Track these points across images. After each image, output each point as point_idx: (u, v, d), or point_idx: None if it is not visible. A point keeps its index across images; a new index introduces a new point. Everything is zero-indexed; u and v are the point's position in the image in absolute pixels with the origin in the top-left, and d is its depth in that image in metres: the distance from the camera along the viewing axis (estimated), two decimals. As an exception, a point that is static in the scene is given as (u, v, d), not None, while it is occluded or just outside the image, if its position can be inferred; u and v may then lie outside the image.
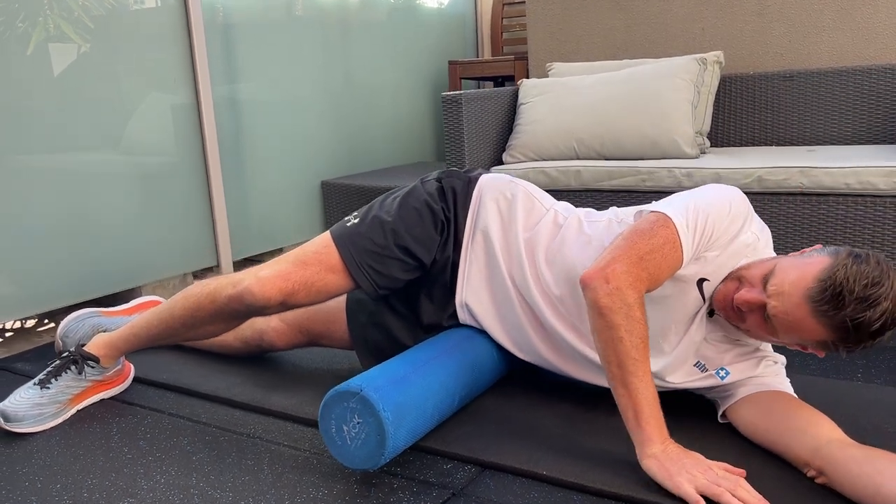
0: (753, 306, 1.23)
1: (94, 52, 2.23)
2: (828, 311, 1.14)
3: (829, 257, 1.20)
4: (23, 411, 1.51)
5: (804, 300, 1.16)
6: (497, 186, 1.55)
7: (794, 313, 1.18)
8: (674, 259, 1.26)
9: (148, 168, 2.42)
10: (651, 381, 1.21)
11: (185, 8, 2.46)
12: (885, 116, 2.49)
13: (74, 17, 2.19)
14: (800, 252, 1.30)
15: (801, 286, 1.17)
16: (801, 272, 1.18)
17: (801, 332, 1.19)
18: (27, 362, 1.95)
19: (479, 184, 1.56)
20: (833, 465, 1.15)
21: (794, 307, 1.17)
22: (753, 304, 1.22)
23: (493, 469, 1.29)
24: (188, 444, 1.45)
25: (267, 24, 2.81)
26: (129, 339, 1.60)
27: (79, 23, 2.20)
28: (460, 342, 1.48)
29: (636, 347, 1.18)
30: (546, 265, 1.46)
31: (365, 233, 1.49)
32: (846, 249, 1.21)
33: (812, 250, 1.27)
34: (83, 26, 2.21)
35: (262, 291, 1.40)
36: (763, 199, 2.06)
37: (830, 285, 1.14)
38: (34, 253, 2.13)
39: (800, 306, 1.17)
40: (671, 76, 2.44)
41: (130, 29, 2.33)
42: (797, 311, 1.17)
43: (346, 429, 1.24)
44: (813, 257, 1.22)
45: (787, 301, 1.18)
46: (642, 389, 1.19)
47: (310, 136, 3.04)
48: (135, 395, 1.69)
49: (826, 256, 1.20)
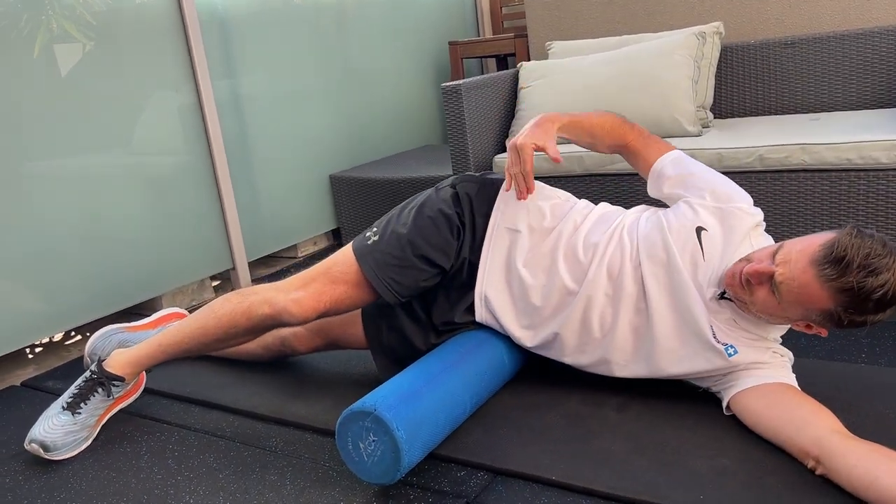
0: (763, 277, 1.28)
1: (96, 52, 2.25)
2: (832, 274, 1.21)
3: (834, 232, 1.27)
4: (59, 439, 1.57)
5: (809, 265, 1.23)
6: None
7: (800, 278, 1.24)
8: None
9: (156, 174, 2.45)
10: (600, 116, 1.59)
11: (179, 5, 2.46)
12: (888, 80, 2.47)
13: (77, 14, 2.20)
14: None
15: (808, 252, 1.25)
16: (808, 242, 1.27)
17: (807, 301, 1.25)
18: (57, 380, 2.03)
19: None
20: (832, 456, 1.19)
21: (799, 272, 1.24)
22: (763, 273, 1.27)
23: (504, 475, 1.35)
24: (214, 461, 1.51)
25: (263, 16, 2.81)
26: (155, 355, 1.65)
27: (81, 20, 2.22)
28: (469, 351, 1.53)
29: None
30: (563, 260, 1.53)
31: (385, 248, 1.56)
32: (851, 224, 1.28)
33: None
34: (86, 23, 2.23)
35: (300, 312, 1.51)
36: (765, 177, 2.07)
37: (835, 250, 1.21)
38: (55, 269, 2.18)
39: (805, 271, 1.23)
40: (670, 53, 2.43)
41: (127, 29, 2.33)
42: (803, 276, 1.24)
43: (363, 446, 1.29)
44: (819, 233, 1.29)
45: (793, 267, 1.25)
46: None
47: (314, 129, 3.06)
48: (161, 411, 1.76)
49: (832, 232, 1.27)
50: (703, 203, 1.46)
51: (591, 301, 1.48)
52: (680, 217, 1.46)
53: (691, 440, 1.36)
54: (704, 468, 1.27)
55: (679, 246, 1.42)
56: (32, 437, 1.57)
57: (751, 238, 1.43)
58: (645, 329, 1.45)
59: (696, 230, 1.42)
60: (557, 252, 1.53)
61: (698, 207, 1.45)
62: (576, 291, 1.49)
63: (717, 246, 1.41)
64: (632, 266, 1.45)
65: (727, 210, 1.44)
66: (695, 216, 1.44)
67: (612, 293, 1.47)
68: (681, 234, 1.43)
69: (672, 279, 1.42)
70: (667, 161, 1.56)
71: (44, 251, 2.15)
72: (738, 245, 1.41)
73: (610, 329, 1.48)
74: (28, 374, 2.13)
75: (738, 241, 1.41)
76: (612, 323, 1.47)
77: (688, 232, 1.43)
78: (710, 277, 1.40)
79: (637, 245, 1.46)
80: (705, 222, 1.43)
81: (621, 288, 1.46)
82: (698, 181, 1.50)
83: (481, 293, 1.59)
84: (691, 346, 1.42)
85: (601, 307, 1.47)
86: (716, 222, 1.43)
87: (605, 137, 1.61)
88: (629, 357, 1.49)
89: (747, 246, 1.41)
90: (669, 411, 1.48)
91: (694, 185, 1.49)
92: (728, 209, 1.44)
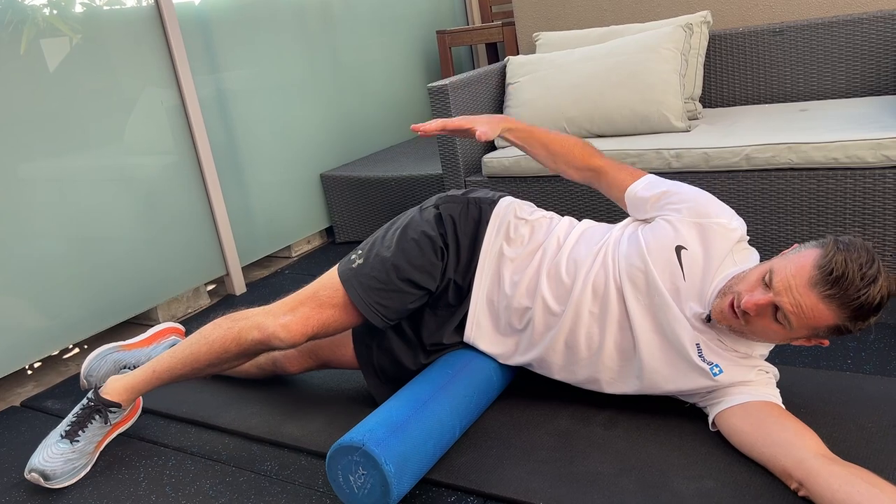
0: (763, 308, 1.29)
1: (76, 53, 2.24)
2: (834, 294, 1.22)
3: (818, 248, 1.28)
4: (59, 468, 1.60)
5: (810, 288, 1.24)
6: (503, 214, 1.64)
7: (806, 303, 1.25)
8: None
9: (144, 178, 2.44)
10: (562, 135, 1.64)
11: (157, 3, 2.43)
12: (877, 66, 2.45)
13: (62, 5, 2.18)
14: (780, 255, 1.36)
15: (804, 276, 1.25)
16: (799, 265, 1.27)
17: (815, 321, 1.26)
18: (56, 399, 2.05)
19: (496, 209, 1.65)
20: (815, 480, 1.21)
21: (803, 298, 1.25)
22: (762, 304, 1.28)
23: (494, 500, 1.37)
24: (210, 487, 1.54)
25: (246, 10, 2.78)
26: (150, 381, 1.67)
27: (65, 17, 2.20)
28: (459, 371, 1.55)
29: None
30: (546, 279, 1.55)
31: (369, 272, 1.57)
32: (829, 238, 1.30)
33: (791, 250, 1.35)
34: (69, 20, 2.21)
35: (289, 337, 1.54)
36: (752, 175, 2.07)
37: (831, 270, 1.23)
38: (49, 286, 2.20)
39: (808, 295, 1.25)
40: (657, 47, 2.41)
41: (106, 28, 2.31)
42: (807, 300, 1.25)
43: (353, 479, 1.32)
44: (801, 252, 1.30)
45: (796, 294, 1.25)
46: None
47: (303, 126, 3.04)
48: (158, 433, 1.79)
49: (814, 248, 1.29)
50: (682, 219, 1.45)
51: (576, 321, 1.49)
52: (659, 236, 1.45)
53: (677, 460, 1.38)
54: (689, 491, 1.29)
55: (659, 267, 1.42)
56: (32, 466, 1.60)
57: (734, 255, 1.43)
58: (630, 348, 1.47)
59: (675, 249, 1.42)
60: (541, 272, 1.54)
61: (677, 224, 1.45)
62: (560, 312, 1.50)
63: (698, 265, 1.41)
64: (615, 287, 1.46)
65: (706, 226, 1.43)
66: (675, 234, 1.44)
67: (597, 312, 1.48)
68: (661, 254, 1.43)
69: (653, 301, 1.43)
70: (640, 186, 1.56)
71: (36, 267, 2.16)
72: (721, 263, 1.41)
73: (597, 349, 1.49)
74: (28, 391, 2.16)
75: (721, 259, 1.41)
76: (599, 343, 1.49)
77: (667, 252, 1.43)
78: (694, 296, 1.41)
79: (619, 267, 1.47)
80: (685, 240, 1.43)
81: (606, 307, 1.47)
82: (676, 198, 1.49)
83: (474, 318, 1.61)
84: (676, 367, 1.43)
85: (587, 326, 1.49)
86: (696, 239, 1.43)
87: (565, 154, 1.62)
88: (616, 375, 1.50)
89: (730, 263, 1.42)
90: (656, 427, 1.50)
91: (672, 201, 1.49)
92: (707, 224, 1.43)
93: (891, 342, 1.74)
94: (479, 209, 1.64)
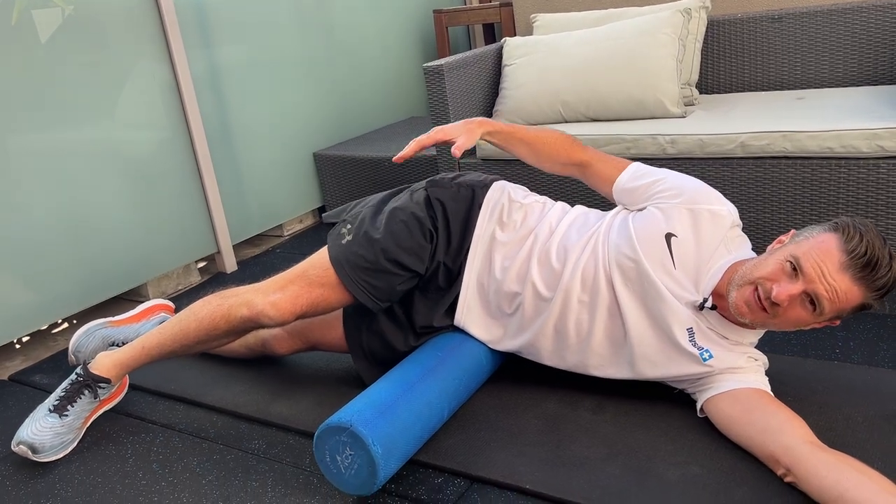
0: (796, 298, 1.29)
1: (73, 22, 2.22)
2: (866, 276, 1.25)
3: (831, 231, 1.29)
4: (48, 442, 1.60)
5: (842, 272, 1.26)
6: (497, 198, 1.63)
7: (842, 287, 1.26)
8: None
9: (135, 154, 2.41)
10: (544, 132, 1.62)
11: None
12: (875, 56, 2.44)
13: None
14: (776, 242, 1.38)
15: (833, 261, 1.27)
16: (823, 250, 1.28)
17: (847, 303, 1.28)
18: (44, 374, 2.05)
19: (489, 193, 1.64)
20: (802, 466, 1.22)
21: (838, 283, 1.26)
22: (796, 295, 1.28)
23: (480, 482, 1.38)
24: (197, 465, 1.54)
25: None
26: (139, 357, 1.67)
27: None
28: (448, 354, 1.54)
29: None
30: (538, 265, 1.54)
31: (357, 251, 1.56)
32: (831, 222, 1.31)
33: (788, 237, 1.37)
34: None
35: (277, 314, 1.53)
36: (747, 163, 2.06)
37: (863, 252, 1.25)
38: (39, 260, 2.18)
39: (842, 280, 1.26)
40: (654, 32, 2.39)
41: (99, 1, 2.27)
42: (841, 284, 1.26)
43: (340, 459, 1.32)
44: (815, 237, 1.31)
45: (829, 280, 1.26)
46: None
47: (296, 103, 3.01)
48: (146, 409, 1.78)
49: (824, 233, 1.30)
50: (673, 205, 1.44)
51: (566, 307, 1.49)
52: (648, 224, 1.44)
53: (664, 446, 1.39)
54: (675, 476, 1.30)
55: (649, 256, 1.42)
56: (20, 438, 1.60)
57: (727, 242, 1.43)
58: (621, 336, 1.47)
59: (665, 237, 1.42)
60: (532, 257, 1.53)
61: (668, 210, 1.44)
62: (550, 298, 1.50)
63: (690, 252, 1.41)
64: (604, 275, 1.46)
65: (697, 212, 1.42)
66: (665, 221, 1.43)
67: (587, 300, 1.48)
68: (650, 242, 1.42)
69: (644, 289, 1.42)
70: (626, 177, 1.54)
71: (26, 241, 2.14)
72: (714, 251, 1.41)
73: (587, 334, 1.49)
74: (16, 366, 2.15)
75: (714, 247, 1.41)
76: (589, 329, 1.48)
77: (657, 240, 1.42)
78: (686, 284, 1.40)
79: (609, 255, 1.46)
80: (675, 227, 1.42)
81: (596, 294, 1.47)
82: (664, 185, 1.48)
83: (465, 302, 1.60)
84: (666, 353, 1.43)
85: (576, 313, 1.49)
86: (686, 226, 1.41)
87: (548, 152, 1.61)
88: (607, 361, 1.51)
89: (723, 251, 1.41)
90: (644, 413, 1.50)
91: (661, 189, 1.48)
92: (698, 211, 1.42)
93: (879, 332, 1.75)
94: (472, 192, 1.63)
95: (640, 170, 1.55)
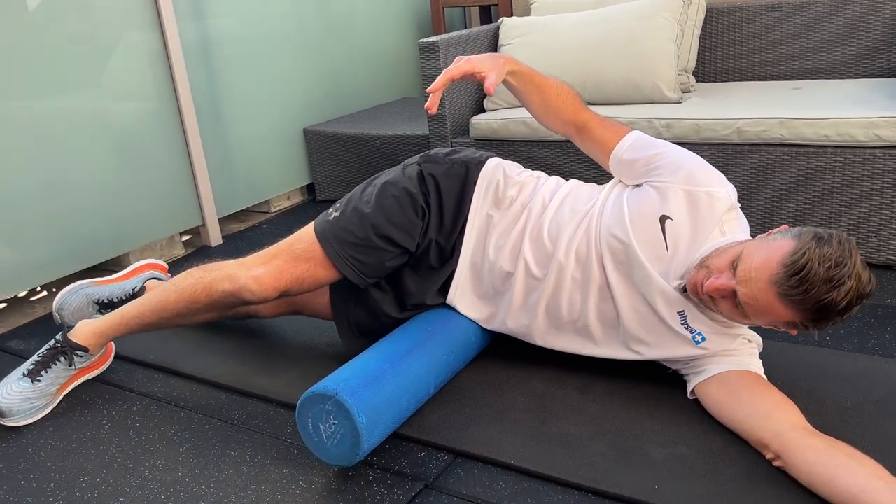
0: (724, 292, 1.26)
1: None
2: (794, 294, 1.18)
3: (793, 240, 1.22)
4: (16, 406, 1.56)
5: (770, 284, 1.20)
6: (491, 175, 1.58)
7: (763, 298, 1.21)
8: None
9: (122, 123, 2.36)
10: (558, 85, 1.55)
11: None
12: (874, 48, 2.42)
13: None
14: (766, 234, 1.32)
15: (767, 271, 1.21)
16: (766, 257, 1.22)
17: (771, 315, 1.23)
18: (21, 340, 2.00)
19: (484, 171, 1.59)
20: (792, 451, 1.20)
21: (761, 292, 1.21)
22: (724, 290, 1.25)
23: (464, 457, 1.35)
24: (175, 433, 1.50)
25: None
26: (117, 328, 1.63)
27: None
28: (438, 329, 1.51)
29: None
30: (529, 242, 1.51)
31: (345, 226, 1.52)
32: (810, 231, 1.24)
33: (778, 231, 1.30)
34: None
35: (260, 290, 1.49)
36: (743, 149, 2.04)
37: (795, 270, 1.18)
38: (18, 224, 2.13)
39: (767, 291, 1.20)
40: (653, 16, 2.36)
41: None
42: (765, 296, 1.21)
43: (323, 428, 1.28)
44: (777, 241, 1.25)
45: (754, 287, 1.21)
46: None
47: (288, 78, 2.96)
48: (124, 377, 1.74)
49: (790, 240, 1.23)
50: (670, 185, 1.39)
51: (559, 286, 1.46)
52: (643, 205, 1.40)
53: (651, 426, 1.37)
54: (662, 456, 1.28)
55: (640, 238, 1.38)
56: None
57: (722, 224, 1.39)
58: (614, 316, 1.44)
59: (659, 219, 1.38)
60: (525, 234, 1.50)
61: (665, 191, 1.39)
62: (542, 277, 1.47)
63: (685, 235, 1.37)
64: (596, 254, 1.43)
65: (695, 193, 1.37)
66: (661, 202, 1.38)
67: (579, 278, 1.45)
68: (643, 224, 1.38)
69: (633, 271, 1.39)
70: (626, 146, 1.49)
71: (5, 204, 2.09)
72: (708, 234, 1.37)
73: (579, 314, 1.46)
74: (-9, 332, 2.11)
75: (709, 229, 1.37)
76: (581, 309, 1.46)
77: (651, 222, 1.38)
78: (679, 267, 1.37)
79: (600, 235, 1.43)
80: (670, 210, 1.37)
81: (588, 274, 1.44)
82: (664, 160, 1.42)
83: (458, 281, 1.57)
84: (659, 334, 1.41)
85: (569, 292, 1.46)
86: (683, 208, 1.37)
87: (558, 104, 1.53)
88: (600, 341, 1.48)
89: (717, 234, 1.38)
90: (631, 394, 1.48)
91: (660, 165, 1.42)
92: (696, 193, 1.37)
93: (870, 321, 1.73)
94: (466, 169, 1.59)
95: (641, 140, 1.49)
